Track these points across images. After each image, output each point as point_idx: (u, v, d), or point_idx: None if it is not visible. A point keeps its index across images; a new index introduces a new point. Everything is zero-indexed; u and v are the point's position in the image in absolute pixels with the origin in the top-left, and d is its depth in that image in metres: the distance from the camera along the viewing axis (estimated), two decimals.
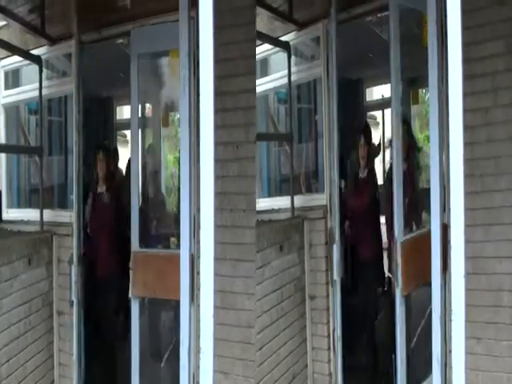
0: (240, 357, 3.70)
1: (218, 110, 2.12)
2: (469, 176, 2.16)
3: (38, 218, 4.49)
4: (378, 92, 7.08)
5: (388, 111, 6.25)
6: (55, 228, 4.44)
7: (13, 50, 4.71)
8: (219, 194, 2.10)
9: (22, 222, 4.71)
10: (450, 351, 2.09)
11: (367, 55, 5.78)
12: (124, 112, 7.46)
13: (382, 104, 6.54)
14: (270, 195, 5.09)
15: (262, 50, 5.19)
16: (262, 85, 5.26)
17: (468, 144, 2.10)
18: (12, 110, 5.27)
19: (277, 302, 4.08)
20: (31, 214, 4.69)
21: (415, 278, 3.63)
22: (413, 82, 4.53)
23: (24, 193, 5.21)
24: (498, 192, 3.71)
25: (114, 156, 5.19)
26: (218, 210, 2.10)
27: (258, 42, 5.04)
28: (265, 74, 5.35)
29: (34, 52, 4.79)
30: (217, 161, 2.03)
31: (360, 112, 6.85)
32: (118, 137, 6.82)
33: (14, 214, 4.94)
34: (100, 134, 6.43)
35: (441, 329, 3.35)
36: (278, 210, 4.67)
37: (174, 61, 4.14)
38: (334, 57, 4.27)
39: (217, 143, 2.03)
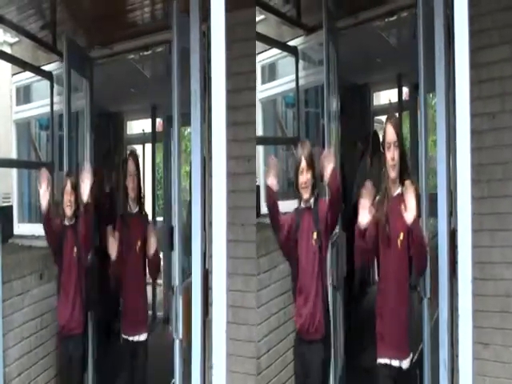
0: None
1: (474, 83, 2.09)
2: (476, 181, 2.16)
3: None
4: (385, 97, 7.10)
5: None
6: None
7: (25, 66, 4.72)
8: (230, 209, 2.10)
9: (33, 236, 4.61)
10: (458, 356, 2.08)
11: (375, 60, 5.78)
12: (133, 127, 7.57)
13: (390, 108, 6.59)
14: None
15: (270, 54, 5.22)
16: (270, 89, 5.32)
17: (475, 149, 2.09)
18: (23, 126, 5.28)
19: (284, 305, 4.07)
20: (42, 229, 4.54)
21: None
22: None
23: (35, 208, 5.19)
24: (505, 197, 3.70)
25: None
26: (230, 224, 2.10)
27: (266, 47, 5.08)
28: (272, 78, 5.38)
29: (46, 68, 4.84)
30: (473, 132, 2.02)
31: (367, 117, 6.86)
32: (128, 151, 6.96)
33: (25, 229, 4.83)
34: (111, 148, 6.50)
35: (448, 334, 3.33)
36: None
37: None
38: (335, 61, 4.27)
39: (472, 115, 2.03)
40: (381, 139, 3.43)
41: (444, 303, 3.29)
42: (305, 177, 3.30)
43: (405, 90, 6.28)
